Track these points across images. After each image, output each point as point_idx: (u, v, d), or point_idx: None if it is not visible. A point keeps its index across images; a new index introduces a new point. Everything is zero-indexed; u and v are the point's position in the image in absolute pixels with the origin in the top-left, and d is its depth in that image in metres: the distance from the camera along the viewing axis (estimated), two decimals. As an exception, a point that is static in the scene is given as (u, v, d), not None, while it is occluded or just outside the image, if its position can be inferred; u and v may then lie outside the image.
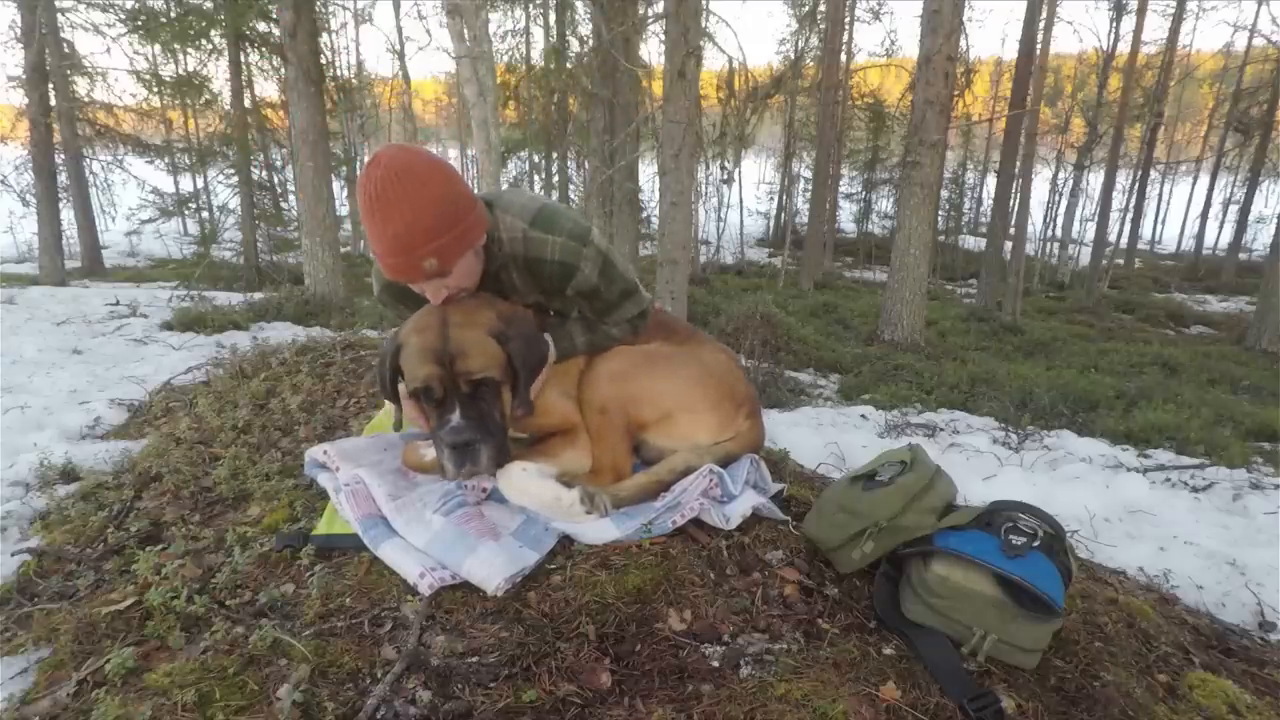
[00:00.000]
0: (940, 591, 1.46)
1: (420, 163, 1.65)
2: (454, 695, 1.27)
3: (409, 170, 1.63)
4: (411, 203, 1.62)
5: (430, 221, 1.64)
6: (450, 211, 1.67)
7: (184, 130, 17.57)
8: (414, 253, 1.64)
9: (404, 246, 1.64)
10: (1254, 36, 20.50)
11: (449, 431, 1.67)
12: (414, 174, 1.63)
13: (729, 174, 18.32)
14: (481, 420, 1.71)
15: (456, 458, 1.69)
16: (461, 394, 1.71)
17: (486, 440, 1.70)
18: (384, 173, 1.61)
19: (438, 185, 1.65)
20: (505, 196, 1.92)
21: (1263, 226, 23.16)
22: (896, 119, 21.32)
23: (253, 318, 7.02)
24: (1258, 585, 2.36)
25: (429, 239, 1.64)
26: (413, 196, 1.62)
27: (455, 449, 1.68)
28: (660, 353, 2.07)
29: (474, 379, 1.70)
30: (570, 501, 1.70)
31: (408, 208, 1.62)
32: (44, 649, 1.39)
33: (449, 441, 1.68)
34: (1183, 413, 5.91)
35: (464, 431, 1.67)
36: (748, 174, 24.42)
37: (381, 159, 1.64)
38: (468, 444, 1.68)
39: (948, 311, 13.03)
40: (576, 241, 1.86)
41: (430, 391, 1.71)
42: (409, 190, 1.62)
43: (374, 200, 1.62)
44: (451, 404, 1.70)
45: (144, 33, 10.82)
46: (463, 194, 1.71)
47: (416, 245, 1.64)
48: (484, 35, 6.07)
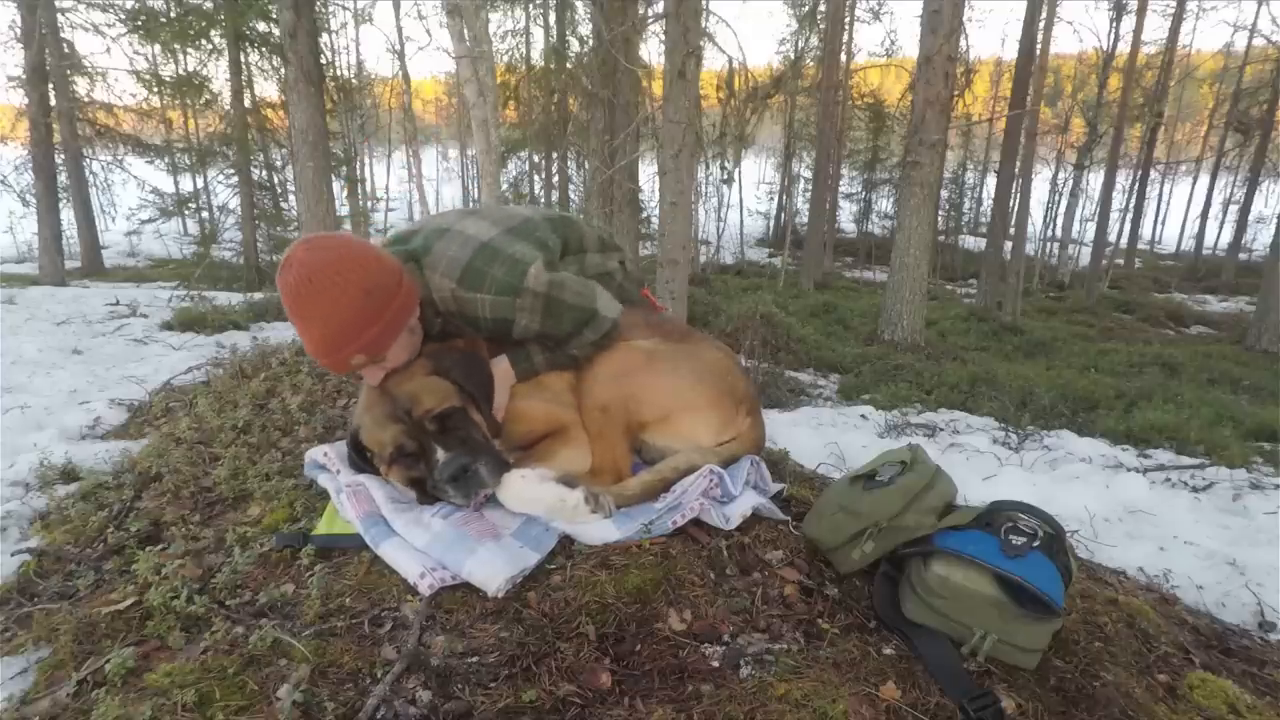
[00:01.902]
0: (940, 591, 1.46)
1: (332, 260, 1.59)
2: (454, 695, 1.27)
3: (321, 271, 1.58)
4: (327, 305, 1.58)
5: (350, 320, 1.60)
6: (370, 306, 1.62)
7: (184, 130, 17.58)
8: (339, 353, 1.64)
9: (328, 349, 1.63)
10: (1254, 36, 20.53)
11: (441, 469, 1.67)
12: (327, 274, 1.57)
13: (729, 174, 18.30)
14: (465, 443, 1.72)
15: (461, 488, 1.69)
16: (434, 434, 1.71)
17: (478, 458, 1.70)
18: (296, 278, 1.57)
19: (354, 282, 1.60)
20: (437, 249, 1.83)
21: (1263, 226, 23.16)
22: (896, 119, 21.34)
23: (253, 318, 7.02)
24: (1258, 585, 2.36)
25: (351, 338, 1.62)
26: (328, 299, 1.58)
27: (455, 480, 1.68)
28: (660, 352, 2.07)
29: (436, 413, 1.71)
30: (575, 502, 1.69)
31: (324, 311, 1.58)
32: (44, 649, 1.39)
33: (446, 477, 1.67)
34: (1183, 413, 5.91)
35: (454, 460, 1.67)
36: (748, 174, 24.44)
37: (294, 262, 1.59)
38: (464, 469, 1.68)
39: (948, 311, 13.02)
40: (508, 295, 1.80)
41: (403, 448, 1.72)
42: (323, 292, 1.58)
43: (291, 306, 1.60)
44: (430, 448, 1.71)
45: (144, 33, 10.83)
46: (383, 283, 1.65)
47: (340, 346, 1.63)
48: (484, 35, 6.06)
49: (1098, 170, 18.52)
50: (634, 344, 2.09)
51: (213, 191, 15.15)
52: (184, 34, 10.39)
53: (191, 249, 17.33)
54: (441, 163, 32.30)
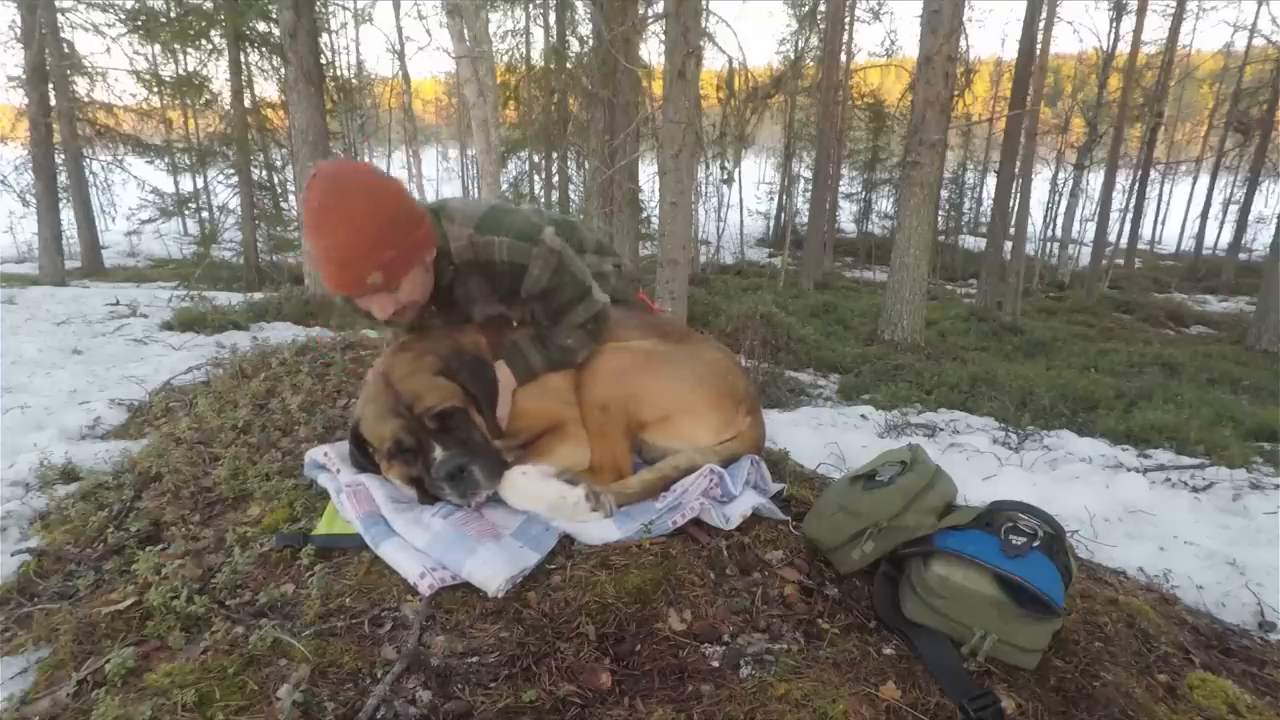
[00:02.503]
0: (940, 591, 1.46)
1: (362, 176, 1.63)
2: (454, 695, 1.27)
3: (349, 183, 1.60)
4: (354, 216, 1.58)
5: (375, 236, 1.61)
6: (395, 226, 1.64)
7: (184, 130, 17.57)
8: (357, 266, 1.62)
9: (346, 260, 1.61)
10: (1254, 36, 20.53)
11: (438, 466, 1.67)
12: (355, 187, 1.60)
13: (729, 174, 18.31)
14: (463, 443, 1.72)
15: (457, 487, 1.68)
16: (434, 432, 1.71)
17: (476, 459, 1.70)
18: (324, 185, 1.59)
19: (382, 200, 1.62)
20: (451, 204, 1.91)
21: (1263, 226, 23.15)
22: (896, 119, 21.34)
23: (253, 318, 7.02)
24: (1258, 585, 2.36)
25: (373, 253, 1.62)
26: (355, 210, 1.58)
27: (451, 478, 1.67)
28: (660, 351, 2.07)
29: (437, 412, 1.71)
30: (575, 499, 1.69)
31: (350, 221, 1.58)
32: (44, 649, 1.39)
33: (442, 474, 1.67)
34: (1183, 413, 5.91)
35: (451, 460, 1.67)
36: (748, 174, 24.42)
37: (321, 172, 1.61)
38: (460, 468, 1.67)
39: (948, 311, 13.03)
40: (525, 241, 1.84)
41: (402, 444, 1.72)
42: (351, 203, 1.58)
43: (314, 213, 1.58)
44: (429, 445, 1.71)
45: (144, 33, 10.83)
46: (409, 209, 1.69)
47: (360, 258, 1.61)
48: (484, 35, 6.07)
49: (1098, 170, 18.52)
50: (634, 344, 2.09)
51: (213, 191, 15.15)
52: (184, 34, 10.39)
53: (191, 249, 17.33)
54: (441, 163, 32.30)
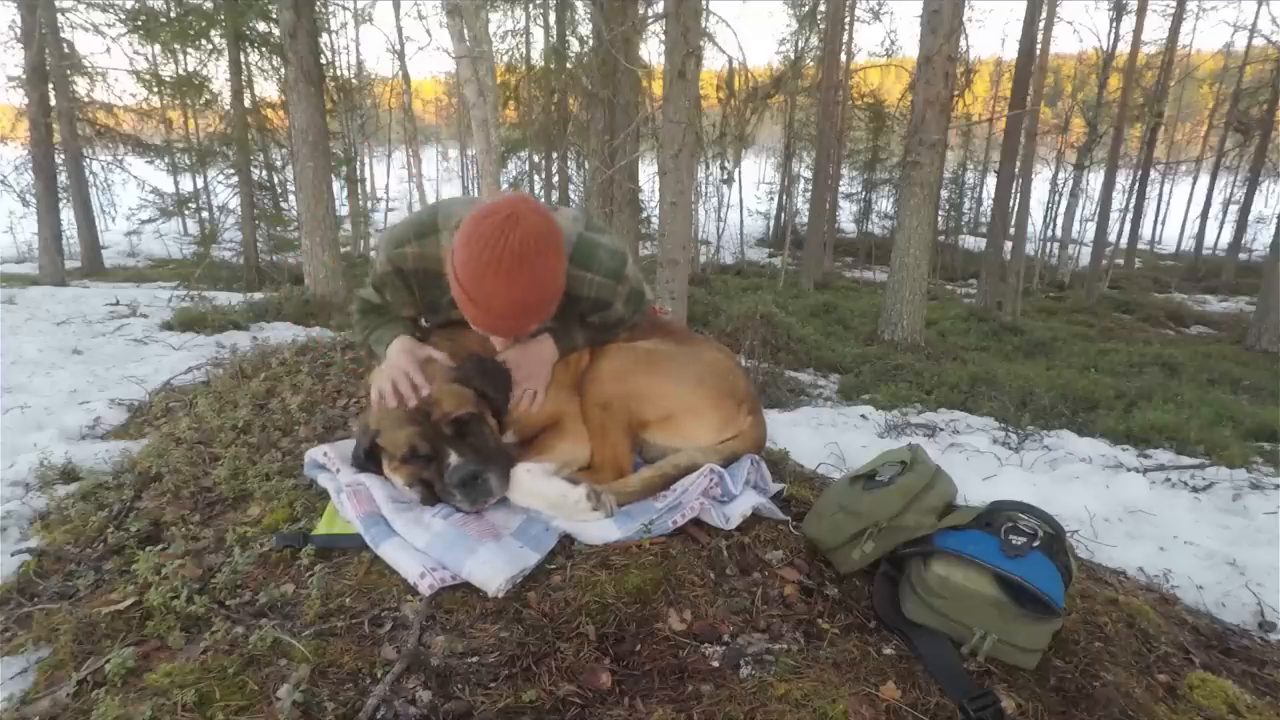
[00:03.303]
0: (940, 591, 1.46)
1: (550, 231, 1.59)
2: (454, 695, 1.27)
3: (545, 239, 1.56)
4: (541, 274, 1.58)
5: (551, 294, 1.65)
6: (561, 283, 1.67)
7: (184, 130, 17.57)
8: (527, 319, 1.66)
9: (523, 313, 1.62)
10: (1254, 36, 20.54)
11: (452, 472, 1.68)
12: (547, 244, 1.57)
13: (729, 174, 18.30)
14: (478, 451, 1.73)
15: (469, 494, 1.68)
16: (449, 438, 1.72)
17: (490, 467, 1.71)
18: (524, 237, 1.52)
19: (557, 256, 1.62)
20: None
21: (1263, 226, 23.15)
22: (896, 119, 21.34)
23: (253, 318, 7.02)
24: (1258, 585, 2.36)
25: (544, 308, 1.66)
26: (543, 268, 1.57)
27: (464, 485, 1.68)
28: (661, 351, 2.07)
29: (454, 418, 1.73)
30: (577, 498, 1.70)
31: (538, 278, 1.57)
32: (44, 649, 1.39)
33: (456, 481, 1.67)
34: (1183, 413, 5.91)
35: (466, 466, 1.68)
36: (748, 174, 24.43)
37: (520, 217, 1.54)
38: (475, 475, 1.68)
39: (948, 311, 13.03)
40: (613, 280, 1.86)
41: (417, 450, 1.72)
42: (541, 260, 1.56)
43: (511, 264, 1.52)
44: (444, 451, 1.71)
45: (144, 33, 10.83)
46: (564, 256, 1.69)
47: (533, 313, 1.65)
48: (484, 35, 6.06)
49: (1098, 170, 18.52)
50: (635, 344, 2.10)
51: (213, 191, 15.14)
52: (184, 34, 10.38)
53: (191, 249, 17.32)
54: (441, 163, 32.32)
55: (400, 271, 1.89)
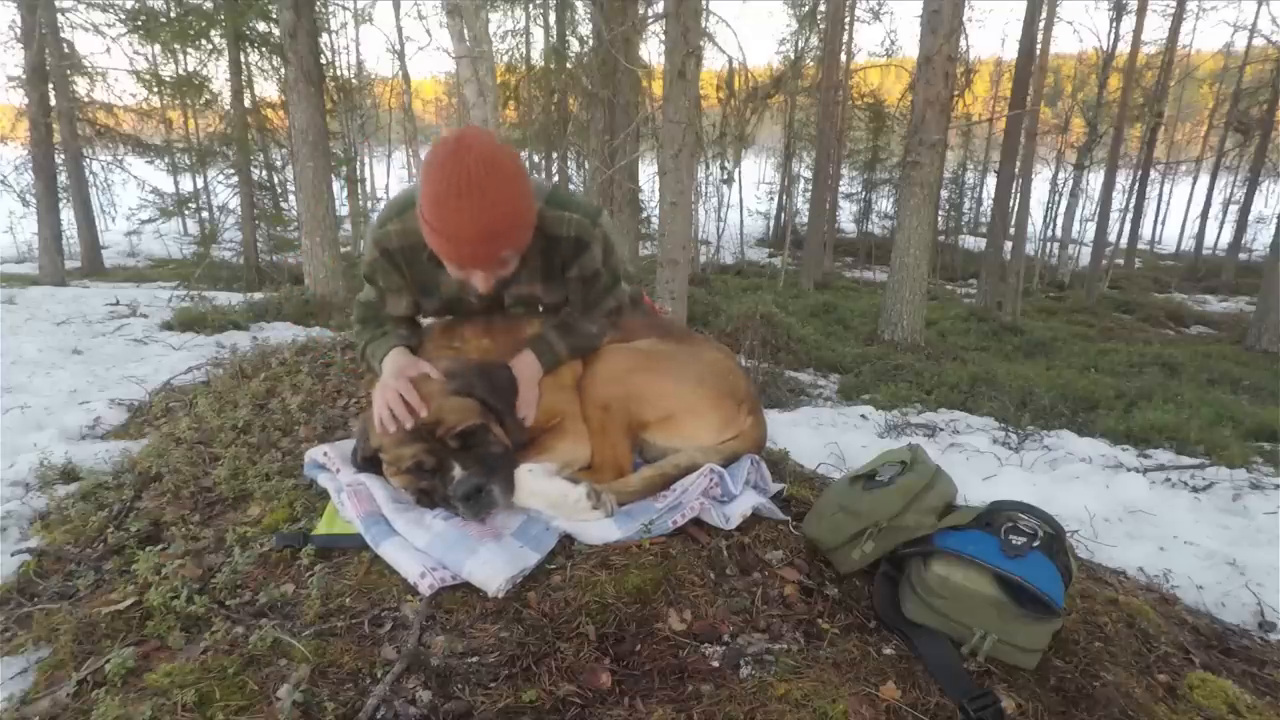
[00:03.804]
0: (940, 591, 1.46)
1: (506, 154, 1.63)
2: (454, 695, 1.27)
3: (499, 160, 1.59)
4: (503, 195, 1.59)
5: (516, 216, 1.65)
6: (529, 206, 1.69)
7: (184, 130, 17.56)
8: (500, 242, 1.65)
9: (490, 236, 1.62)
10: (1254, 36, 20.53)
11: (456, 486, 1.67)
12: (504, 164, 1.60)
13: (729, 174, 18.29)
14: (482, 462, 1.71)
15: (472, 507, 1.67)
16: (455, 451, 1.72)
17: (493, 479, 1.70)
18: (477, 159, 1.55)
19: (521, 179, 1.65)
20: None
21: (1263, 226, 23.14)
22: (896, 119, 21.33)
23: (253, 318, 7.02)
24: (1258, 585, 2.36)
25: (513, 232, 1.66)
26: (504, 188, 1.59)
27: (468, 499, 1.66)
28: (661, 352, 2.07)
29: (459, 431, 1.72)
30: (576, 497, 1.70)
31: (500, 199, 1.58)
32: (44, 649, 1.39)
33: (460, 495, 1.66)
34: (1183, 413, 5.91)
35: (469, 480, 1.67)
36: (748, 174, 24.41)
37: (471, 144, 1.57)
38: (478, 489, 1.67)
39: (948, 311, 13.02)
40: (589, 220, 1.90)
41: (422, 465, 1.72)
42: (501, 181, 1.58)
43: (465, 186, 1.54)
44: (448, 464, 1.70)
45: (144, 33, 10.82)
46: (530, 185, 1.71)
47: (504, 235, 1.64)
48: (484, 35, 6.06)
49: (1098, 170, 18.52)
50: (635, 344, 2.10)
51: (213, 191, 15.13)
52: (184, 34, 10.37)
53: (191, 249, 17.31)
54: (441, 163, 32.22)
55: (387, 252, 1.90)
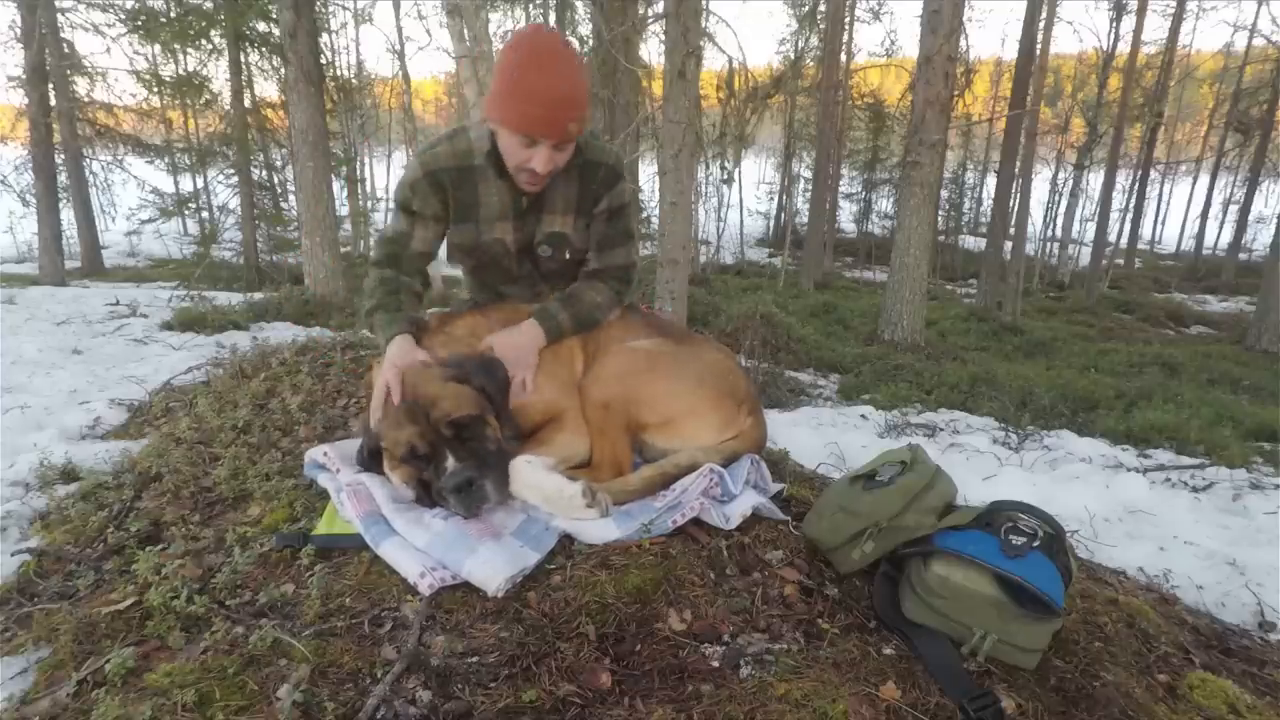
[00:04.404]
0: (940, 591, 1.46)
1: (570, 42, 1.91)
2: (454, 695, 1.27)
3: (569, 45, 1.86)
4: (575, 68, 1.83)
5: (583, 91, 1.87)
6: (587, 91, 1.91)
7: (184, 130, 17.56)
8: (570, 109, 1.83)
9: (564, 103, 1.81)
10: (1254, 36, 20.55)
11: (448, 477, 1.67)
12: (572, 49, 1.86)
13: (729, 174, 18.31)
14: (475, 456, 1.72)
15: (463, 500, 1.67)
16: (449, 440, 1.72)
17: (487, 473, 1.70)
18: (554, 38, 1.83)
19: (581, 64, 1.88)
20: None
21: (1263, 226, 23.15)
22: (896, 119, 21.33)
23: (253, 318, 7.02)
24: (1258, 585, 2.36)
25: (581, 105, 1.86)
26: (576, 64, 1.84)
27: (459, 491, 1.66)
28: (661, 352, 2.07)
29: (453, 419, 1.72)
30: (571, 494, 1.69)
31: (573, 71, 1.82)
32: (44, 649, 1.39)
33: (451, 486, 1.66)
34: (1183, 413, 5.91)
35: (461, 472, 1.67)
36: (748, 174, 24.41)
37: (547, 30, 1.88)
38: (470, 482, 1.67)
39: (948, 311, 13.02)
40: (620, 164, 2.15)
41: (415, 450, 1.72)
42: (573, 57, 1.83)
43: (547, 56, 1.78)
44: (442, 454, 1.71)
45: (144, 33, 10.83)
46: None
47: (572, 106, 1.83)
48: (484, 35, 6.07)
49: (1098, 170, 18.52)
50: (635, 344, 2.10)
51: (213, 191, 15.13)
52: (184, 34, 10.38)
53: (191, 249, 17.30)
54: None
55: (433, 173, 2.03)
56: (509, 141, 1.90)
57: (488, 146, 2.00)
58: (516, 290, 2.33)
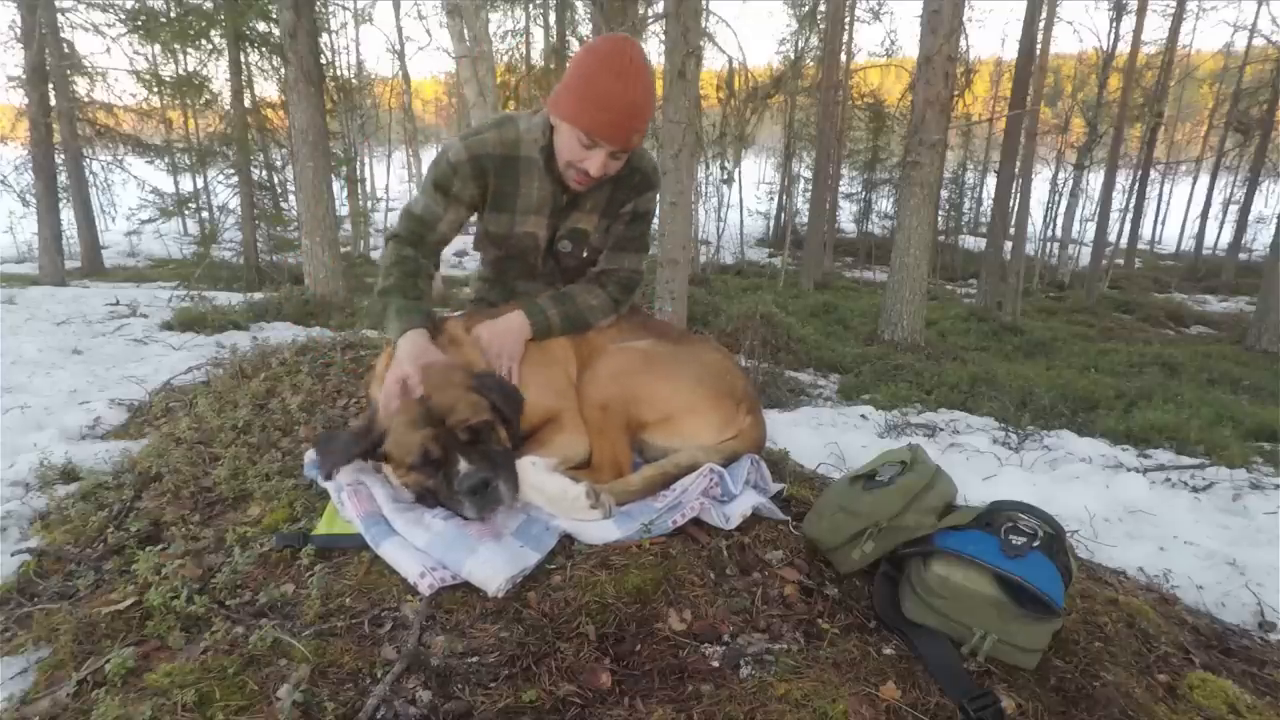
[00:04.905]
0: (940, 591, 1.46)
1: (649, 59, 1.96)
2: (454, 695, 1.27)
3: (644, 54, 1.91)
4: (649, 83, 1.90)
5: (651, 106, 1.94)
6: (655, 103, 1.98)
7: (184, 130, 17.56)
8: (636, 121, 1.89)
9: (634, 113, 1.88)
10: (1254, 36, 20.56)
11: (462, 479, 1.66)
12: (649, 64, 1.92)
13: (729, 174, 18.31)
14: (488, 458, 1.72)
15: (477, 502, 1.66)
16: (462, 444, 1.72)
17: (499, 475, 1.70)
18: (635, 51, 1.87)
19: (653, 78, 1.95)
20: None
21: (1263, 226, 23.15)
22: (896, 119, 21.33)
23: (253, 318, 7.01)
24: (1258, 585, 2.36)
25: (646, 119, 1.93)
26: (650, 79, 1.91)
27: (474, 493, 1.66)
28: (660, 352, 2.07)
29: (470, 425, 1.72)
30: (575, 495, 1.70)
31: (647, 85, 1.89)
32: (44, 649, 1.39)
33: (466, 488, 1.65)
34: (1183, 413, 5.91)
35: (477, 474, 1.66)
36: (748, 174, 24.40)
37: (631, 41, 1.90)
38: (485, 483, 1.66)
39: (948, 311, 13.02)
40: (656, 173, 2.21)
41: (429, 454, 1.71)
42: (648, 72, 1.90)
43: (625, 66, 1.84)
44: (454, 457, 1.70)
45: (144, 33, 10.82)
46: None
47: (640, 117, 1.90)
48: (484, 35, 6.07)
49: (1098, 170, 18.52)
50: (634, 344, 2.10)
51: (213, 191, 15.12)
52: (184, 34, 10.37)
53: (191, 249, 17.31)
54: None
55: (477, 158, 2.04)
56: (569, 139, 1.92)
57: (543, 140, 2.02)
58: (533, 288, 2.34)
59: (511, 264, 2.31)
